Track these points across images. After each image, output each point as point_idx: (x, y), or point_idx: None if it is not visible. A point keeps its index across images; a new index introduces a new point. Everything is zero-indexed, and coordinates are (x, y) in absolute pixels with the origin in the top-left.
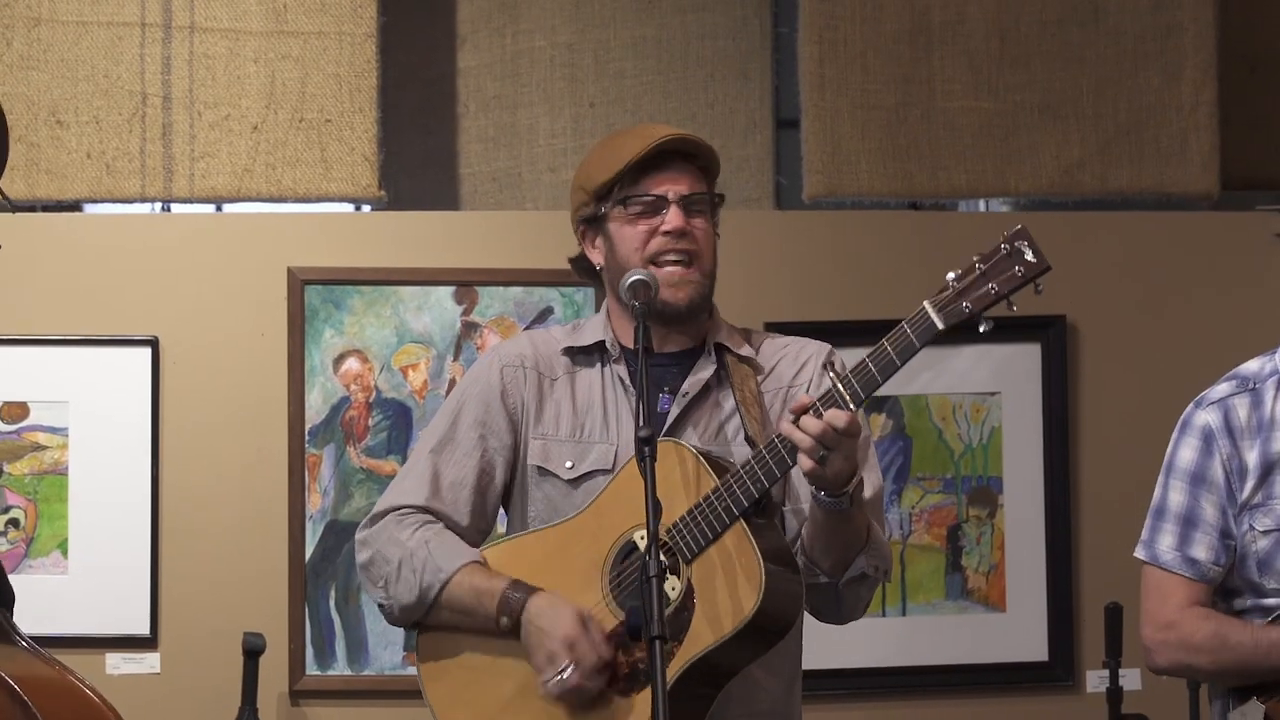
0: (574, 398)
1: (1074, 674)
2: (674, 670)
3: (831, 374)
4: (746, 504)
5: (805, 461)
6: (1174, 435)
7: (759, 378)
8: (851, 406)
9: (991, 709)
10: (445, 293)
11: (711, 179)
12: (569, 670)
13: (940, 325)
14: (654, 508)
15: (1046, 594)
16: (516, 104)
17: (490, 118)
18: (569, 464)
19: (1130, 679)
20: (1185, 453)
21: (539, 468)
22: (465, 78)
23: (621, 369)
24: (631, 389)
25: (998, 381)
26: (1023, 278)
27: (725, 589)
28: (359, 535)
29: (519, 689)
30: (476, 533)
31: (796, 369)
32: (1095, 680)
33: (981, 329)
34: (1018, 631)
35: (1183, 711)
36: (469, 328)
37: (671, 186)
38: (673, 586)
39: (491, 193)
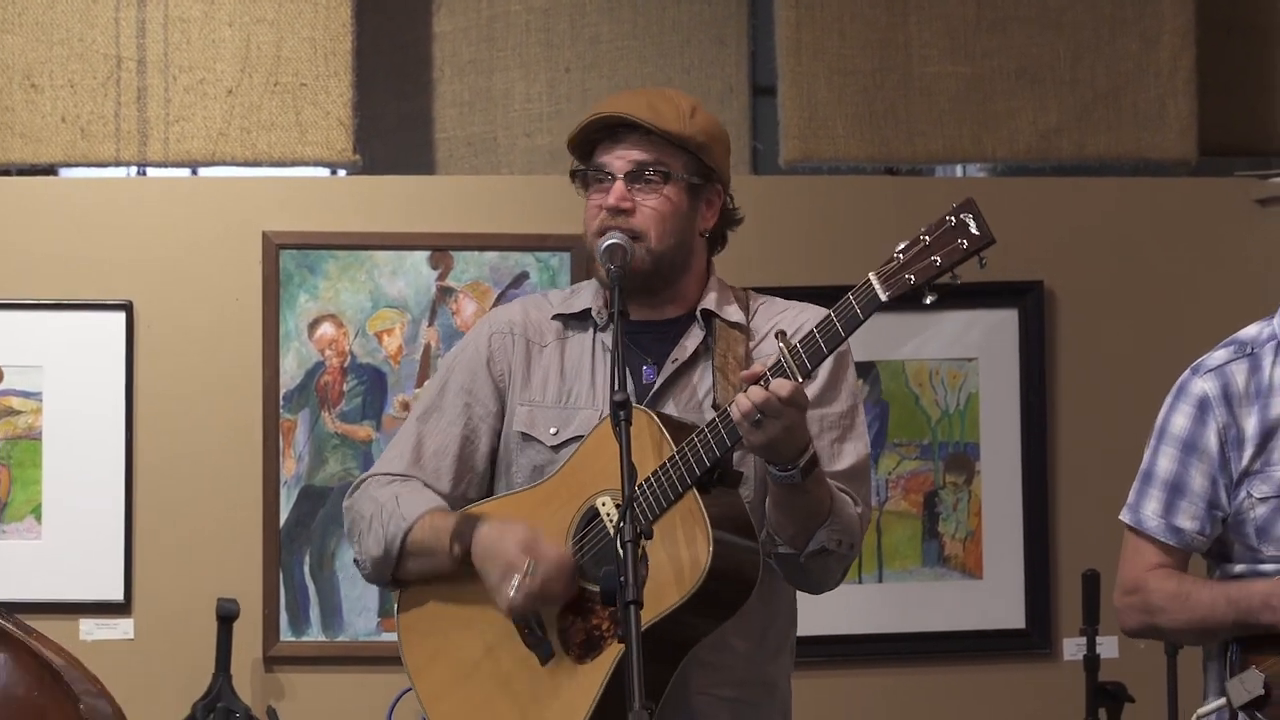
0: (563, 364)
1: (1051, 641)
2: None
3: (781, 344)
4: (699, 472)
5: (744, 428)
6: (1168, 399)
7: (750, 343)
8: (799, 377)
9: (968, 676)
10: (420, 257)
11: (681, 146)
12: (531, 567)
13: (883, 297)
14: (629, 471)
15: (1024, 561)
16: (492, 68)
17: (466, 82)
18: (553, 430)
19: (1108, 646)
20: (1178, 419)
21: (523, 434)
22: (441, 42)
23: (606, 336)
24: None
25: (975, 347)
26: (966, 250)
27: (675, 558)
28: (345, 503)
29: (485, 651)
30: (460, 500)
31: None
32: (1072, 648)
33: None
34: (995, 599)
35: (1160, 679)
36: (444, 292)
37: (618, 160)
38: None
39: (467, 157)
